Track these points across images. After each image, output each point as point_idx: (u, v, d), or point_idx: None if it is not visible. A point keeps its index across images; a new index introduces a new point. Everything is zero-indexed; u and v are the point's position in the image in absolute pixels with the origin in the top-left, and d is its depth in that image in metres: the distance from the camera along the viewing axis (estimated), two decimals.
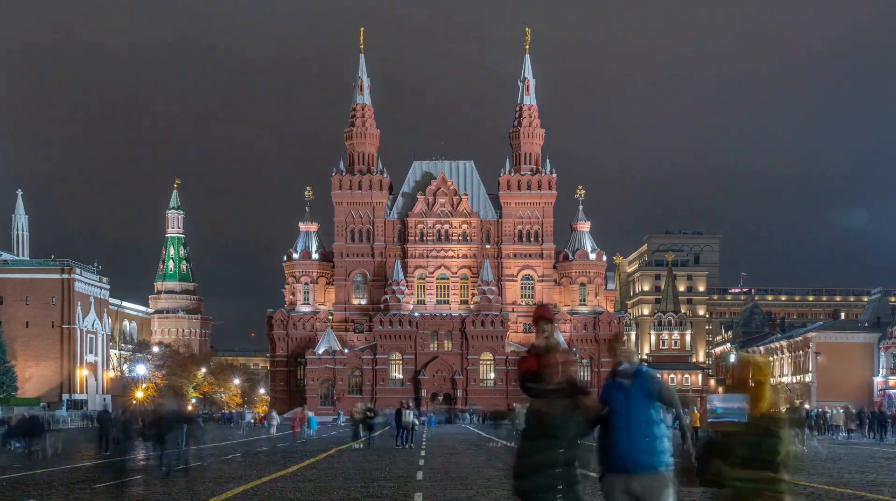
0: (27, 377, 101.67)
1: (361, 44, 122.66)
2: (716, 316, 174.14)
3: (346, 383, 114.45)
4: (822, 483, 19.90)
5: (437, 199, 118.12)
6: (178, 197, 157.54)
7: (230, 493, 18.11)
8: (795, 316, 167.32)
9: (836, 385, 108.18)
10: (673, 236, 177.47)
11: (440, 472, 23.38)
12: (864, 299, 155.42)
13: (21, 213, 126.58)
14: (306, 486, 19.66)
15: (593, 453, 7.16)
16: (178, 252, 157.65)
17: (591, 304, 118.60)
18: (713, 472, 6.13)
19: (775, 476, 5.94)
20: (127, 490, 19.26)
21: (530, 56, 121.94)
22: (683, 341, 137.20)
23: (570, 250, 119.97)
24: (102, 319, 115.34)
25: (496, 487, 19.14)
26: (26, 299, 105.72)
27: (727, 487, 6.03)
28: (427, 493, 17.91)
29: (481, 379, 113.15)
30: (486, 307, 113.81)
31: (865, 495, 17.56)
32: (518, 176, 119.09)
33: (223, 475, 22.99)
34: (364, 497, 17.54)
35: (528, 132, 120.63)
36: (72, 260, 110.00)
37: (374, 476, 22.26)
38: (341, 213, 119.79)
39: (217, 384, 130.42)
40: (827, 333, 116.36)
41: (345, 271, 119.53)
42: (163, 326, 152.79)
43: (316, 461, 28.98)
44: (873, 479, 21.37)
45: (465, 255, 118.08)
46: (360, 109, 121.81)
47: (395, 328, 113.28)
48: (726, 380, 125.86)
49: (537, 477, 6.69)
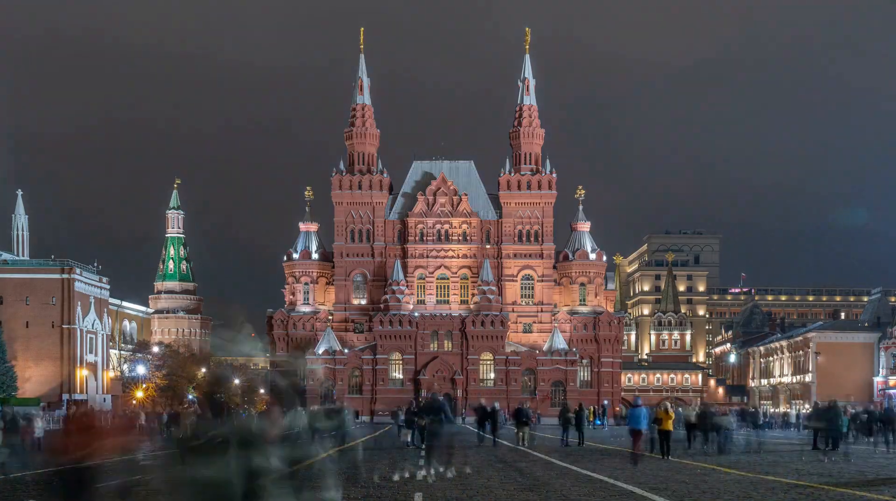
0: (27, 377, 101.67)
1: (361, 44, 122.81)
2: (716, 316, 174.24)
3: (346, 383, 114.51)
4: (822, 483, 19.91)
5: (437, 199, 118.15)
6: (178, 197, 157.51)
7: None
8: (795, 316, 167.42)
9: (836, 385, 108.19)
10: (673, 236, 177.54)
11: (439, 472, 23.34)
12: (864, 299, 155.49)
13: (21, 213, 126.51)
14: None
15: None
16: (178, 252, 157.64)
17: (591, 304, 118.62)
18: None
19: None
20: (128, 491, 19.24)
21: (530, 56, 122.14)
22: (683, 341, 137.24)
23: (570, 250, 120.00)
24: (102, 319, 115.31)
25: (496, 487, 19.15)
26: (26, 299, 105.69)
27: None
28: (427, 493, 17.92)
29: (481, 379, 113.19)
30: (486, 307, 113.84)
31: (865, 495, 17.57)
32: (518, 176, 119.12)
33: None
34: (364, 497, 17.55)
35: (528, 132, 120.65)
36: (72, 260, 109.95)
37: (373, 475, 22.25)
38: (341, 213, 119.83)
39: (217, 384, 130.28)
40: (827, 333, 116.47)
41: (345, 271, 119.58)
42: (163, 326, 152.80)
43: (316, 460, 28.93)
44: (873, 479, 21.37)
45: (465, 255, 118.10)
46: (360, 109, 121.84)
47: (395, 328, 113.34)
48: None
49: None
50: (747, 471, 23.35)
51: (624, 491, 18.19)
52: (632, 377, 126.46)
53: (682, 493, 17.84)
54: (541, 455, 31.74)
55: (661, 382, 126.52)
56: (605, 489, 18.69)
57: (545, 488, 18.82)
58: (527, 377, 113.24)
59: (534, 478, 21.71)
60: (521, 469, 25.13)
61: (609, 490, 18.37)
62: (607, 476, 21.50)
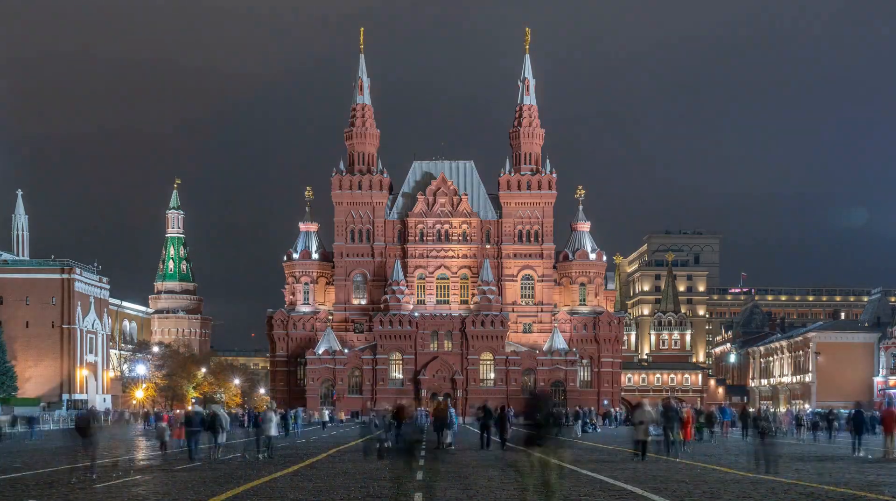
0: (27, 377, 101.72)
1: (361, 44, 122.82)
2: (716, 316, 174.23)
3: (346, 383, 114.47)
4: (822, 483, 19.91)
5: (437, 199, 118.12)
6: (178, 197, 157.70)
7: (230, 493, 18.12)
8: (795, 316, 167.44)
9: (836, 385, 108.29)
10: (673, 236, 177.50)
11: (440, 472, 23.35)
12: (864, 299, 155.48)
13: (21, 213, 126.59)
14: (306, 486, 19.67)
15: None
16: (178, 252, 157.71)
17: (591, 304, 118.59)
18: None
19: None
20: (128, 490, 19.27)
21: (530, 56, 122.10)
22: (683, 341, 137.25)
23: (570, 250, 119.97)
24: (102, 319, 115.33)
25: (496, 487, 19.14)
26: (26, 299, 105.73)
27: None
28: (427, 493, 17.92)
29: (481, 379, 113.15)
30: (486, 307, 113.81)
31: (865, 495, 17.57)
32: (518, 176, 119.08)
33: (223, 475, 22.99)
34: (364, 496, 17.55)
35: (528, 132, 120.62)
36: (72, 260, 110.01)
37: (374, 475, 22.26)
38: (341, 213, 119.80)
39: (217, 384, 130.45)
40: (827, 333, 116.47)
41: (345, 271, 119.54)
42: (163, 326, 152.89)
43: (316, 461, 28.98)
44: (873, 479, 21.38)
45: (465, 255, 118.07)
46: (360, 109, 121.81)
47: (395, 328, 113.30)
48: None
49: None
50: (747, 471, 23.35)
51: (624, 491, 18.20)
52: (632, 377, 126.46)
53: (682, 493, 17.84)
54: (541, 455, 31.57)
55: (661, 382, 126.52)
56: (606, 489, 18.70)
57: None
58: (527, 377, 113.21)
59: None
60: (520, 469, 25.05)
61: (610, 490, 18.38)
62: (608, 477, 21.50)
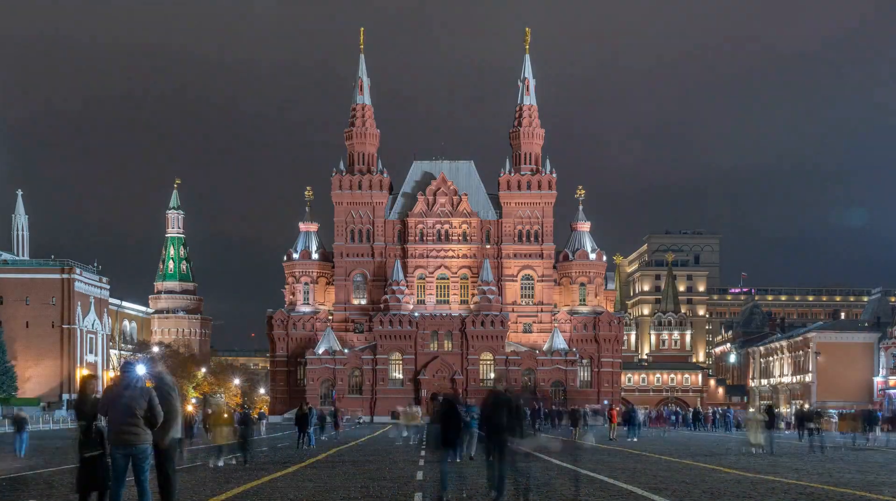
0: (27, 377, 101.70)
1: (361, 44, 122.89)
2: (716, 316, 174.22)
3: (346, 383, 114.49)
4: (822, 483, 19.91)
5: (437, 199, 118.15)
6: (178, 197, 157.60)
7: (230, 493, 18.11)
8: (795, 316, 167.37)
9: (836, 385, 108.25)
10: (673, 236, 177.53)
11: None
12: (864, 299, 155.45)
13: (21, 213, 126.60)
14: (306, 486, 19.66)
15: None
16: (178, 252, 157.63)
17: (591, 304, 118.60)
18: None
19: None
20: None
21: (530, 56, 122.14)
22: (683, 341, 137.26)
23: (570, 250, 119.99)
24: (102, 319, 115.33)
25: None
26: (26, 299, 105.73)
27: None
28: (427, 493, 17.92)
29: (481, 379, 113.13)
30: (486, 307, 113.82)
31: (865, 495, 17.57)
32: (518, 176, 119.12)
33: (223, 475, 22.98)
34: (364, 496, 17.54)
35: (528, 132, 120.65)
36: (72, 260, 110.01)
37: (374, 475, 22.25)
38: (341, 213, 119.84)
39: (217, 384, 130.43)
40: (827, 333, 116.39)
41: (345, 271, 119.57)
42: (163, 326, 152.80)
43: (316, 461, 28.97)
44: (873, 479, 21.38)
45: (465, 255, 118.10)
46: (360, 109, 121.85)
47: (395, 328, 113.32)
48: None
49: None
50: (747, 471, 23.35)
51: (624, 491, 18.19)
52: (632, 377, 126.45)
53: (682, 493, 17.83)
54: (542, 455, 31.69)
55: (661, 382, 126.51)
56: (606, 489, 18.69)
57: (545, 488, 18.80)
58: (527, 377, 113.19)
59: (533, 478, 21.67)
60: (520, 468, 25.04)
61: (609, 490, 18.38)
62: (607, 476, 21.50)
